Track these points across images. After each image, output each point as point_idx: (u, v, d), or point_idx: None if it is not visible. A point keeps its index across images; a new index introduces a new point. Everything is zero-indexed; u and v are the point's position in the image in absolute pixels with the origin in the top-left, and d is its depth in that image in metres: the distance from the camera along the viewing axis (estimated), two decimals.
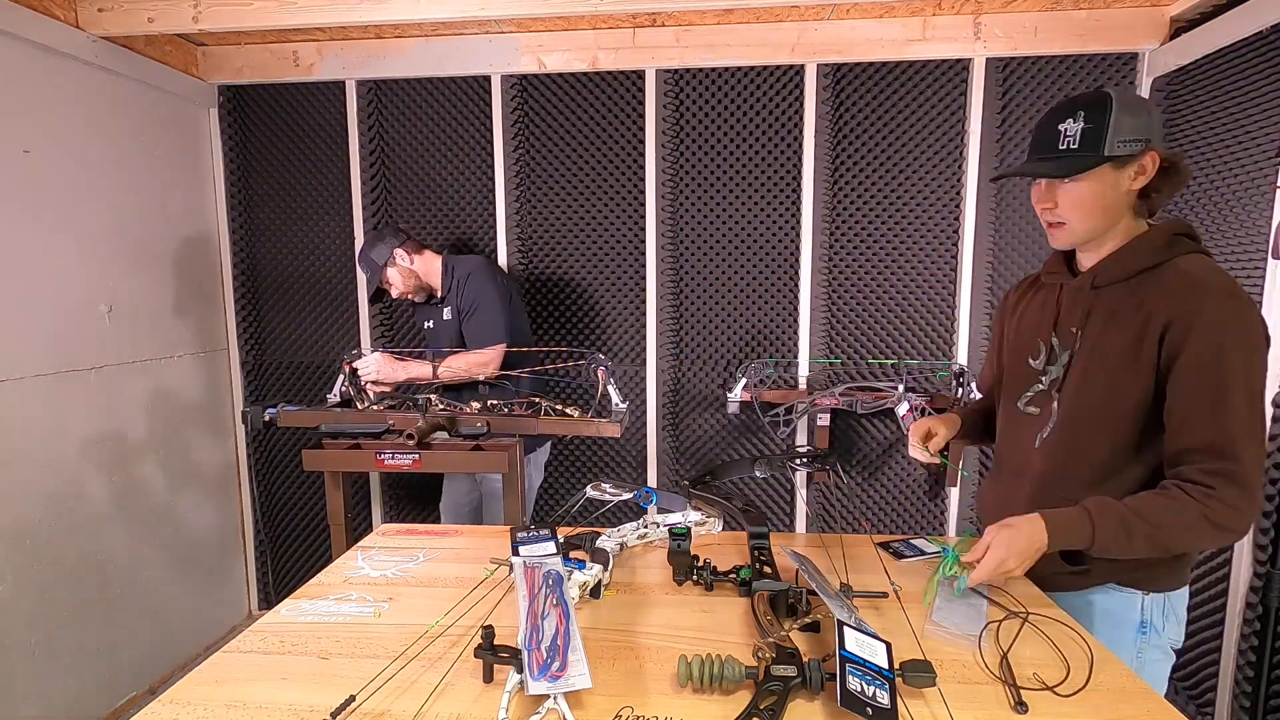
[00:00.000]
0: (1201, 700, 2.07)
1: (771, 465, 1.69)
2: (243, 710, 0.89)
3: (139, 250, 2.43)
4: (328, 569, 1.35)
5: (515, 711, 0.86)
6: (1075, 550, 1.10)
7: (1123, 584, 1.19)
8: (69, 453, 2.15)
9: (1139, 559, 1.13)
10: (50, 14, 2.07)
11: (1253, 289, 1.91)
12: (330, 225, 2.78)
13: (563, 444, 2.82)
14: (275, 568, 3.01)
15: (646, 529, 1.43)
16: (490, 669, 0.92)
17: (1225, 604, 1.98)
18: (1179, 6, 2.20)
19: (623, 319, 2.72)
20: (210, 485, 2.79)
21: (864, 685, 0.84)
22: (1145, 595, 1.18)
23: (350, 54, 2.63)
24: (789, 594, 1.11)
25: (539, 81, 2.62)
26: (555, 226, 2.70)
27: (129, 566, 2.38)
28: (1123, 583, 1.19)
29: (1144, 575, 1.18)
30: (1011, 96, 2.43)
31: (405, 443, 1.90)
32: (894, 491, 2.68)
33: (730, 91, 2.55)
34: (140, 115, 2.44)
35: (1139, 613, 1.19)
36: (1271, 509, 1.83)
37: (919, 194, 2.51)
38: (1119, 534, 1.05)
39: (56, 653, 2.11)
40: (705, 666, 0.90)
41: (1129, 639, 1.19)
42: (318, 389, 2.85)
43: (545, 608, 0.98)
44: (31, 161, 2.03)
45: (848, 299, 2.61)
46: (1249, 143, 1.95)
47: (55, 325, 2.11)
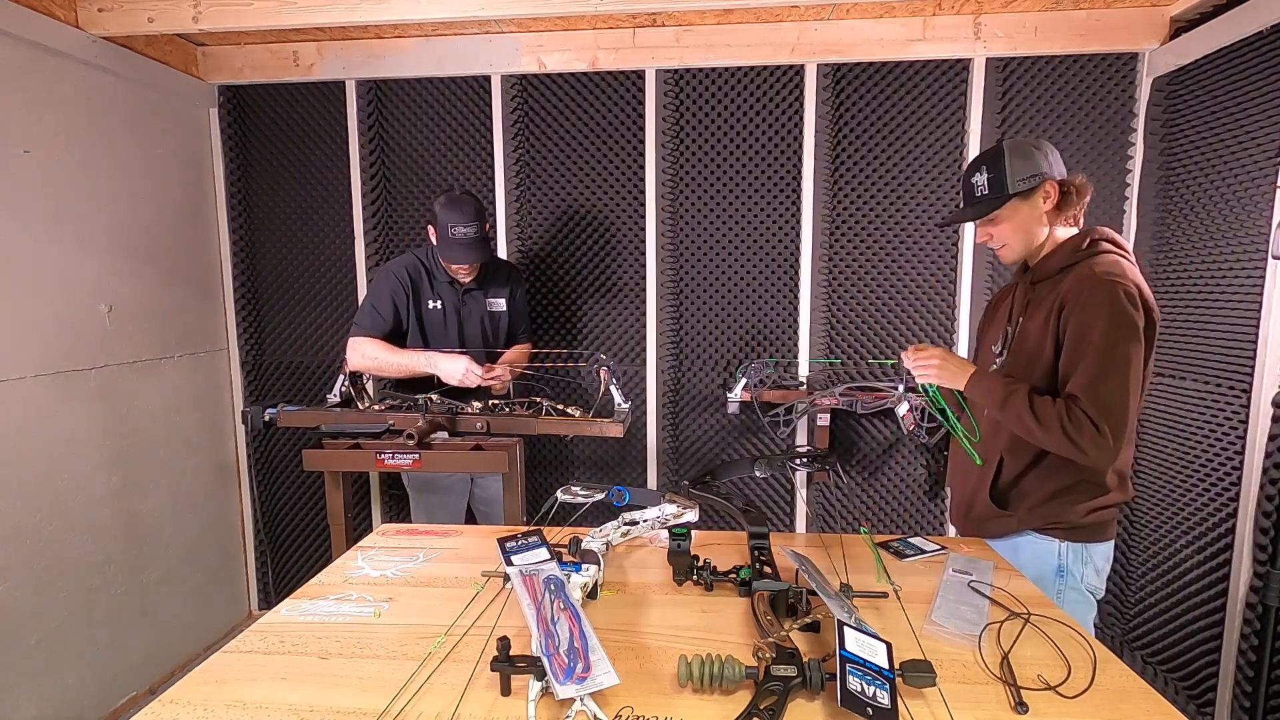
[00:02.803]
0: (1201, 700, 2.07)
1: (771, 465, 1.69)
2: (243, 710, 0.89)
3: (139, 250, 2.43)
4: (328, 569, 1.35)
5: (542, 718, 0.86)
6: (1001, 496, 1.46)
7: (1040, 532, 1.44)
8: (69, 453, 2.15)
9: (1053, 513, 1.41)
10: (50, 14, 2.07)
11: (1253, 289, 1.91)
12: (330, 225, 2.78)
13: (562, 445, 2.82)
14: (275, 568, 3.01)
15: (628, 527, 1.42)
16: (508, 680, 0.91)
17: (1225, 604, 1.98)
18: (1179, 6, 2.20)
19: (623, 319, 2.72)
20: (210, 485, 2.79)
21: (864, 685, 0.84)
22: (1061, 543, 1.42)
23: (350, 54, 2.63)
24: (789, 594, 1.11)
25: (539, 81, 2.62)
26: (555, 226, 2.70)
27: (129, 566, 2.38)
28: (1040, 530, 1.44)
29: (1059, 526, 1.42)
30: (1011, 96, 2.43)
31: (405, 443, 1.90)
32: (894, 491, 2.68)
33: (730, 91, 2.55)
34: (140, 115, 2.44)
35: (1056, 558, 1.43)
36: (1271, 509, 1.83)
37: (919, 194, 2.51)
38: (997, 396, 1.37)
39: (56, 652, 2.10)
40: (705, 666, 0.90)
41: (1050, 581, 1.42)
42: (318, 389, 2.85)
43: (554, 613, 0.99)
44: (31, 161, 2.03)
45: (848, 299, 2.61)
46: (1249, 143, 1.95)
47: (55, 325, 2.11)
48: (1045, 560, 1.43)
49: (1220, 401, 2.01)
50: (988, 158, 1.44)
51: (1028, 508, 1.44)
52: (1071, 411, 1.29)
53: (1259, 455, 1.88)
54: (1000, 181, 1.40)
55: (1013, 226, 1.45)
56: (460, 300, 2.26)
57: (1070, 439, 1.29)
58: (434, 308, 2.24)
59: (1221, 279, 2.03)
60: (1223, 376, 2.01)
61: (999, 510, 1.46)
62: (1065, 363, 1.34)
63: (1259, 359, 1.88)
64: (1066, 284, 1.36)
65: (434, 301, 2.24)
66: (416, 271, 2.22)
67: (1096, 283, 1.32)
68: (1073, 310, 1.33)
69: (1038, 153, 1.41)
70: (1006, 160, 1.40)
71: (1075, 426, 1.28)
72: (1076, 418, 1.28)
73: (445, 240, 2.09)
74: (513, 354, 2.35)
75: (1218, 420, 2.02)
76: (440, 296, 2.24)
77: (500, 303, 2.32)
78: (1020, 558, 1.43)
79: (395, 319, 2.19)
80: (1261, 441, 1.88)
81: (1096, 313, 1.30)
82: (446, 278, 2.23)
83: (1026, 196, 1.41)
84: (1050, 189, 1.40)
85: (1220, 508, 2.01)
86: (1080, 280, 1.34)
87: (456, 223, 2.06)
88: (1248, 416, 1.91)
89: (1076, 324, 1.32)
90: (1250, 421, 1.91)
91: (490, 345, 2.31)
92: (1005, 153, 1.40)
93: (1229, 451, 1.98)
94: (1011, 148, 1.41)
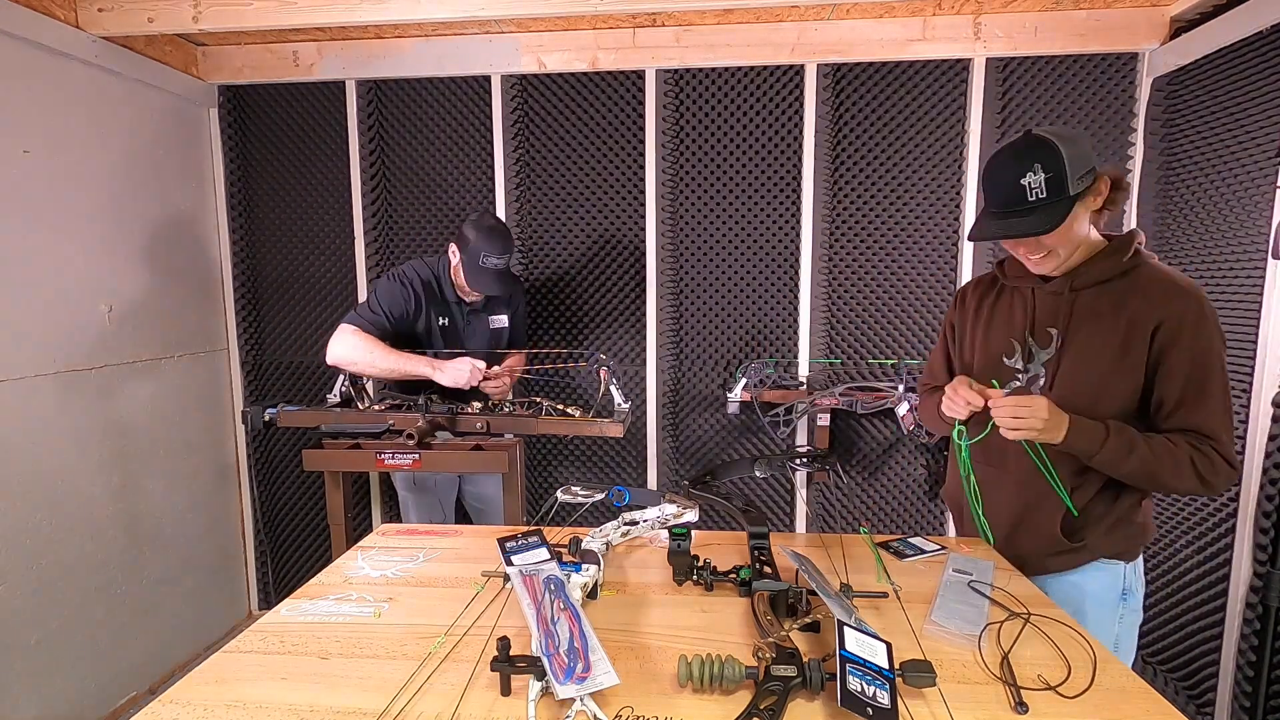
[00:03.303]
0: (1201, 700, 2.07)
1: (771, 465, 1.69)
2: (243, 710, 0.89)
3: (139, 250, 2.43)
4: (328, 569, 1.35)
5: (542, 718, 0.86)
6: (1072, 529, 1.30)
7: (1110, 558, 1.32)
8: (69, 453, 2.15)
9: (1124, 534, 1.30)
10: (50, 14, 2.07)
11: (1253, 289, 1.91)
12: (330, 225, 2.78)
13: (562, 445, 2.82)
14: (275, 568, 3.01)
15: (628, 527, 1.42)
16: (508, 680, 0.91)
17: (1225, 604, 1.98)
18: (1179, 6, 2.20)
19: (623, 319, 2.72)
20: (210, 485, 2.79)
21: (864, 685, 0.84)
22: (1125, 565, 1.32)
23: (350, 54, 2.63)
24: (789, 594, 1.11)
25: (539, 81, 2.62)
26: (555, 226, 2.70)
27: (129, 566, 2.38)
28: (1110, 556, 1.32)
29: (1126, 547, 1.32)
30: (1011, 96, 2.42)
31: (405, 443, 1.90)
32: (894, 491, 2.68)
33: (730, 91, 2.55)
34: (140, 115, 2.44)
35: (1122, 582, 1.32)
36: (1271, 509, 1.83)
37: (919, 194, 2.51)
38: (1122, 449, 1.19)
39: (56, 653, 2.10)
40: (705, 666, 0.90)
41: (1113, 608, 1.32)
42: (318, 389, 2.85)
43: (554, 613, 0.99)
44: (31, 161, 2.03)
45: (848, 299, 2.61)
46: (1249, 143, 1.94)
47: (55, 325, 2.11)
48: (1111, 586, 1.32)
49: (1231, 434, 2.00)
50: (1037, 153, 1.17)
51: (1100, 534, 1.31)
52: (1206, 453, 1.17)
53: (1259, 455, 1.88)
54: (1060, 181, 1.16)
55: (1071, 233, 1.23)
56: (465, 319, 2.24)
57: (1205, 482, 1.18)
58: (442, 324, 2.20)
59: (1221, 279, 2.03)
60: None
61: (1071, 544, 1.31)
62: (1177, 391, 1.19)
63: (1259, 359, 1.88)
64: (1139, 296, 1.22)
65: (443, 319, 2.19)
66: (429, 287, 2.16)
67: (1193, 299, 1.18)
68: (1179, 332, 1.18)
69: (1084, 141, 1.20)
70: (1065, 154, 1.16)
71: (1211, 469, 1.17)
72: (1213, 461, 1.17)
73: (473, 267, 2.05)
74: (512, 361, 2.34)
75: None
76: (447, 315, 2.21)
77: (502, 319, 2.32)
78: (1086, 590, 1.32)
79: (396, 327, 2.12)
80: (1261, 441, 1.88)
81: (1211, 336, 1.18)
82: (454, 296, 2.19)
83: (1083, 197, 1.21)
84: (1103, 186, 1.22)
85: (1220, 508, 2.01)
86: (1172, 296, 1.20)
87: (490, 253, 2.04)
88: (1248, 416, 1.91)
89: (1192, 350, 1.18)
90: (1250, 421, 1.91)
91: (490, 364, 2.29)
92: (1059, 145, 1.16)
93: None
94: (1062, 139, 1.17)
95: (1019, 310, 1.37)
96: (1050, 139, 1.18)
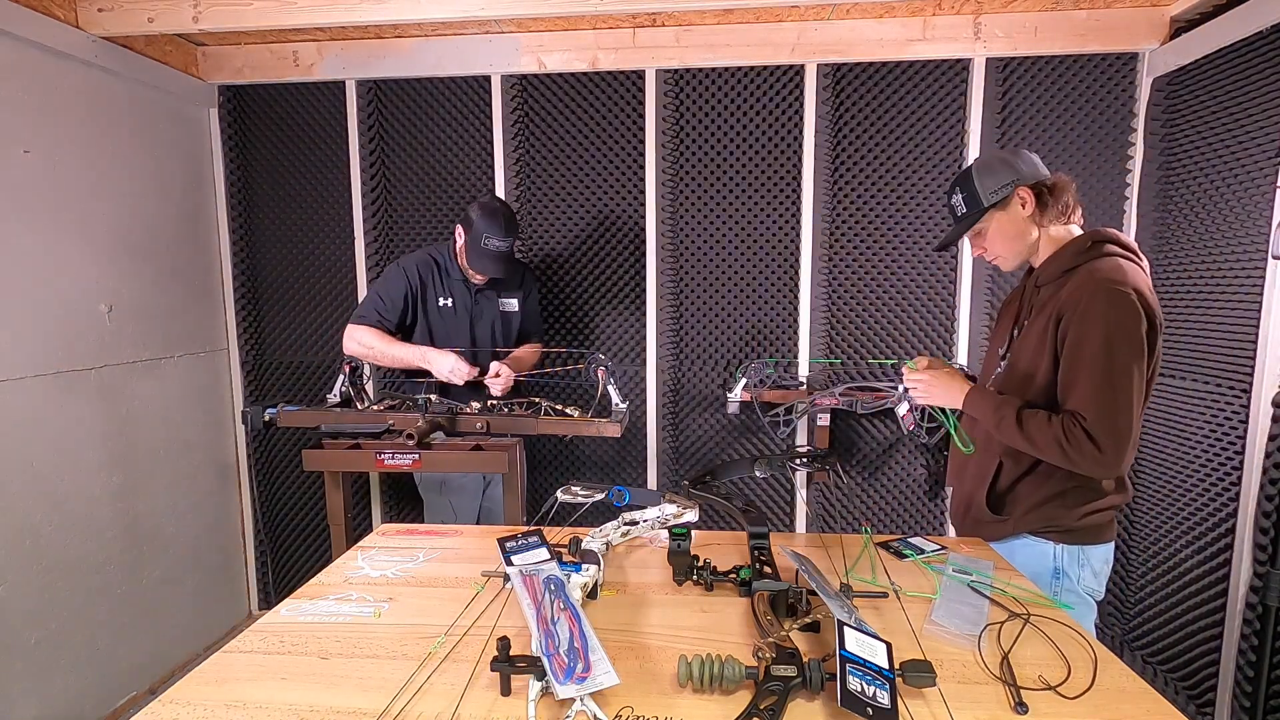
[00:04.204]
0: (1201, 700, 2.07)
1: (771, 465, 1.69)
2: (243, 710, 0.89)
3: (139, 250, 2.43)
4: (328, 569, 1.35)
5: (542, 718, 0.86)
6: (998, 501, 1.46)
7: (1035, 534, 1.44)
8: (69, 453, 2.15)
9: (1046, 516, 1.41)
10: (50, 14, 2.07)
11: (1253, 289, 1.91)
12: (330, 225, 2.78)
13: (562, 445, 2.82)
14: (275, 568, 3.01)
15: (628, 527, 1.42)
16: (508, 680, 0.91)
17: (1225, 604, 1.98)
18: (1179, 6, 2.20)
19: (623, 319, 2.72)
20: (210, 485, 2.79)
21: (864, 685, 0.84)
22: (1057, 545, 1.42)
23: (350, 54, 2.63)
24: (789, 594, 1.11)
25: (539, 81, 2.62)
26: (555, 226, 2.70)
27: (129, 566, 2.38)
28: (1035, 533, 1.44)
29: (1054, 528, 1.42)
30: (1011, 96, 2.42)
31: (405, 443, 1.90)
32: (894, 491, 2.68)
33: (730, 91, 2.55)
34: (140, 115, 2.44)
35: (1052, 560, 1.42)
36: (1271, 509, 1.83)
37: (919, 194, 2.51)
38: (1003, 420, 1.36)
39: (56, 652, 2.10)
40: (705, 666, 0.90)
41: (1045, 584, 1.40)
42: (318, 389, 2.85)
43: (554, 613, 0.99)
44: (32, 161, 2.03)
45: (848, 299, 2.61)
46: (1249, 143, 1.95)
47: (55, 325, 2.11)
48: (1040, 563, 1.42)
49: (1220, 401, 2.01)
50: (960, 179, 1.49)
51: (1022, 511, 1.44)
52: (1070, 431, 1.27)
53: (1259, 455, 1.88)
54: (974, 197, 1.45)
55: (999, 236, 1.47)
56: (473, 299, 2.27)
57: (1069, 458, 1.29)
58: (444, 305, 2.25)
59: (1221, 279, 2.03)
60: (1223, 376, 2.01)
61: (994, 515, 1.47)
62: (1063, 376, 1.33)
63: (1259, 359, 1.88)
64: (1065, 291, 1.35)
65: (445, 299, 2.25)
66: (428, 268, 2.23)
67: (1095, 289, 1.30)
68: (1070, 320, 1.31)
69: (1005, 164, 1.44)
70: (975, 177, 1.45)
71: (1075, 446, 1.27)
72: (1076, 438, 1.27)
73: (476, 249, 2.10)
74: (521, 352, 2.36)
75: (1218, 420, 2.02)
76: (452, 294, 2.25)
77: (513, 303, 2.33)
78: (1015, 560, 1.42)
79: (401, 314, 2.21)
80: (1261, 441, 1.88)
81: (1094, 322, 1.28)
82: (460, 275, 2.24)
83: (1003, 206, 1.44)
84: (1024, 194, 1.42)
85: (1220, 508, 2.01)
86: (1078, 287, 1.33)
87: (492, 234, 2.08)
88: (1248, 416, 1.91)
89: (1075, 335, 1.30)
90: (1250, 421, 1.91)
91: (501, 346, 2.32)
92: (973, 170, 1.47)
93: (1229, 451, 1.98)
94: (978, 165, 1.47)
95: (1014, 305, 1.57)
96: (970, 168, 1.47)
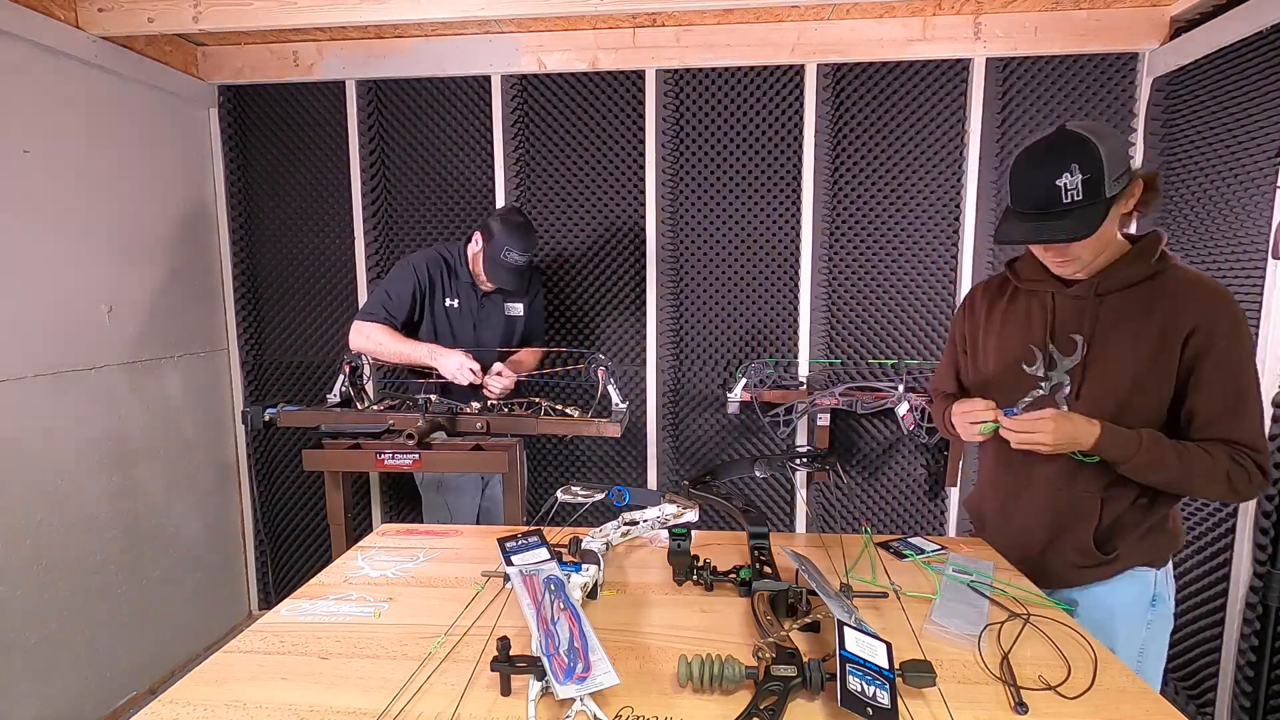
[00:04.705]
0: (1201, 700, 2.07)
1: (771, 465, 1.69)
2: (243, 710, 0.89)
3: (139, 250, 2.43)
4: (328, 569, 1.35)
5: (542, 718, 0.86)
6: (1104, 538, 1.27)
7: (1141, 566, 1.29)
8: (69, 453, 2.15)
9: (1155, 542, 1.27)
10: (50, 14, 2.07)
11: (1253, 289, 1.91)
12: (330, 225, 2.78)
13: (562, 445, 2.82)
14: (275, 568, 3.01)
15: (628, 527, 1.42)
16: (508, 680, 0.91)
17: (1225, 604, 1.98)
18: (1179, 6, 2.20)
19: (623, 319, 2.72)
20: (210, 485, 2.79)
21: (864, 685, 0.84)
22: (1155, 572, 1.30)
23: (350, 54, 2.63)
24: (789, 594, 1.11)
25: (539, 81, 2.62)
26: (555, 226, 2.70)
27: (129, 566, 2.38)
28: (1141, 565, 1.29)
29: (1158, 554, 1.29)
30: (1011, 96, 2.42)
31: (405, 443, 1.90)
32: (894, 491, 2.68)
33: (730, 91, 2.55)
34: (140, 115, 2.44)
35: (1152, 588, 1.30)
36: (1271, 509, 1.83)
37: (919, 194, 2.51)
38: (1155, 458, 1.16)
39: (56, 653, 2.10)
40: (705, 666, 0.90)
41: (1142, 614, 1.29)
42: (318, 389, 2.85)
43: (554, 613, 0.98)
44: (31, 161, 2.03)
45: (848, 299, 2.61)
46: (1249, 143, 1.94)
47: (55, 325, 2.11)
48: (1143, 593, 1.30)
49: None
50: (1075, 151, 1.11)
51: (1132, 543, 1.28)
52: (1244, 465, 1.15)
53: None
54: (1098, 183, 1.10)
55: (1104, 235, 1.17)
56: (478, 303, 2.27)
57: (1236, 492, 1.16)
58: (451, 306, 2.25)
59: (1221, 279, 2.02)
60: None
61: (1104, 556, 1.28)
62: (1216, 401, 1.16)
63: (1259, 359, 1.88)
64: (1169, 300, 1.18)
65: (451, 300, 2.25)
66: (437, 267, 2.23)
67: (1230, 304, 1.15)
68: (1216, 338, 1.14)
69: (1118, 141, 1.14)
70: (1103, 154, 1.09)
71: (1246, 480, 1.15)
72: (1249, 472, 1.15)
73: (494, 260, 2.11)
74: (522, 355, 2.36)
75: None
76: (458, 295, 2.25)
77: (518, 307, 2.33)
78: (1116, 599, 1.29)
79: (409, 311, 2.21)
80: None
81: (1246, 343, 1.15)
82: (468, 278, 2.24)
83: (1118, 199, 1.14)
84: (1136, 189, 1.16)
85: (1220, 508, 2.01)
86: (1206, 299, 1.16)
87: (513, 248, 2.09)
88: None
89: (1231, 359, 1.15)
90: None
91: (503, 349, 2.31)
92: (1097, 144, 1.10)
93: None
94: (1100, 136, 1.11)
95: (1037, 315, 1.31)
96: (1088, 136, 1.11)
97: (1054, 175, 1.11)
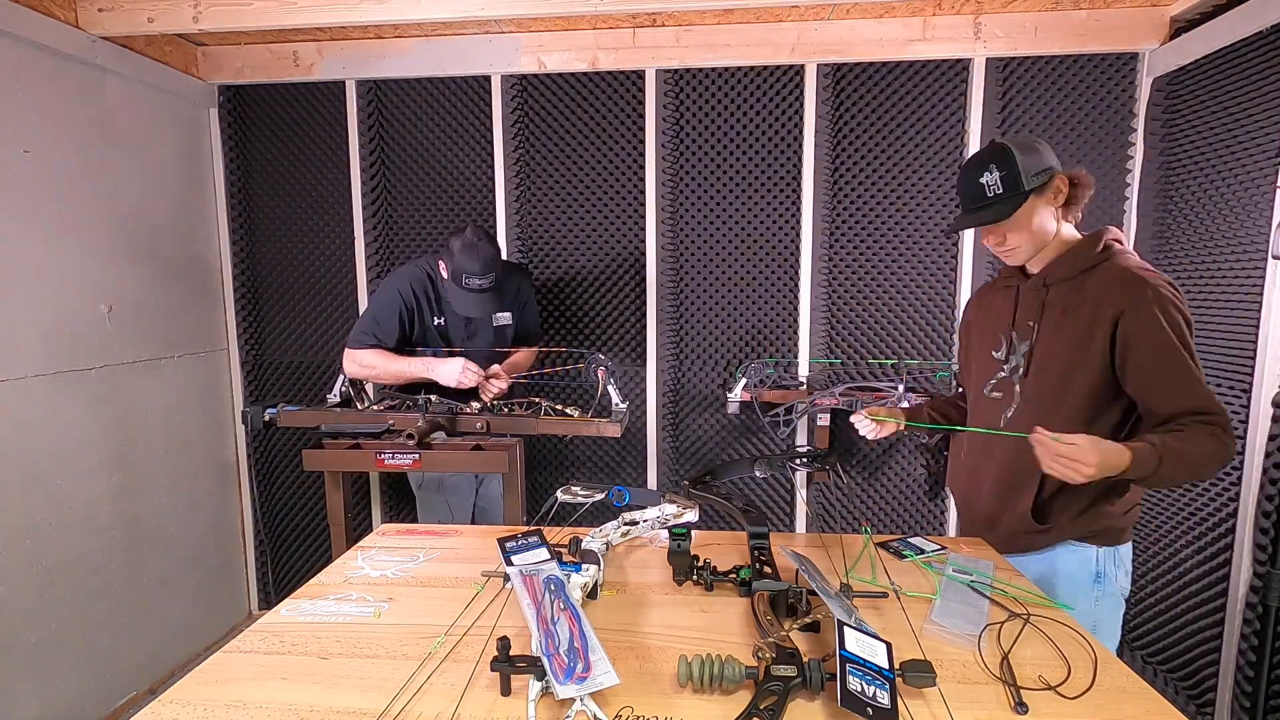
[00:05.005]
0: (1201, 700, 2.07)
1: (771, 465, 1.69)
2: (243, 710, 0.89)
3: (139, 250, 2.43)
4: (328, 569, 1.35)
5: (542, 718, 0.86)
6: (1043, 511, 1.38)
7: (1078, 540, 1.39)
8: (69, 453, 2.15)
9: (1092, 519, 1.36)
10: (50, 14, 2.07)
11: (1253, 289, 1.91)
12: (330, 225, 2.78)
13: (562, 445, 2.82)
14: (275, 568, 3.01)
15: (628, 527, 1.42)
16: (508, 680, 0.91)
17: (1225, 604, 1.98)
18: (1179, 6, 2.20)
19: (623, 319, 2.72)
20: (210, 485, 2.79)
21: (864, 685, 0.84)
22: (1097, 549, 1.38)
23: (350, 54, 2.63)
24: (789, 594, 1.11)
25: (539, 81, 2.62)
26: (555, 226, 2.70)
27: (129, 566, 2.38)
28: (1078, 539, 1.39)
29: (1096, 531, 1.38)
30: (1011, 96, 2.42)
31: (405, 443, 1.90)
32: (894, 491, 2.68)
33: (730, 91, 2.55)
34: (140, 115, 2.44)
35: (1094, 565, 1.38)
36: (1271, 509, 1.83)
37: (919, 194, 2.51)
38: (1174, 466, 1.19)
39: (56, 653, 2.10)
40: (705, 666, 0.90)
41: (1087, 589, 1.38)
42: (318, 389, 2.85)
43: (554, 613, 0.98)
44: (32, 161, 2.03)
45: (848, 299, 2.61)
46: (1249, 143, 1.94)
47: (55, 325, 2.11)
48: (1083, 568, 1.38)
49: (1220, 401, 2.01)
50: (994, 156, 1.35)
51: (1069, 518, 1.38)
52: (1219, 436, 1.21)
53: (1259, 455, 1.88)
54: (1014, 179, 1.32)
55: (1029, 224, 1.35)
56: (464, 320, 2.23)
57: (1221, 461, 1.22)
58: (438, 324, 2.21)
59: (1221, 279, 2.03)
60: (1223, 376, 2.01)
61: (1040, 525, 1.39)
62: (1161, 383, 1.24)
63: (1259, 359, 1.88)
64: (1100, 288, 1.29)
65: (437, 318, 2.20)
66: (421, 286, 2.16)
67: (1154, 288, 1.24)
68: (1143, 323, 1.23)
69: (1043, 148, 1.35)
70: (1017, 156, 1.32)
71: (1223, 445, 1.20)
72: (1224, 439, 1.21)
73: (457, 289, 2.04)
74: (518, 356, 2.35)
75: None
76: (445, 314, 2.21)
77: (506, 317, 2.29)
78: (1057, 569, 1.39)
79: (399, 334, 2.15)
80: (1261, 442, 1.88)
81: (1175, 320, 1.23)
82: None
83: (1040, 193, 1.33)
84: (1061, 184, 1.34)
85: (1220, 508, 2.01)
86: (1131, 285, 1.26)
87: (471, 274, 1.99)
88: (1248, 416, 1.91)
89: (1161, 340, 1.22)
90: (1250, 421, 1.90)
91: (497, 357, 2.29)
92: (1013, 149, 1.33)
93: None
94: (1017, 144, 1.34)
95: (1005, 306, 1.47)
96: (1007, 145, 1.34)
97: (978, 175, 1.36)
